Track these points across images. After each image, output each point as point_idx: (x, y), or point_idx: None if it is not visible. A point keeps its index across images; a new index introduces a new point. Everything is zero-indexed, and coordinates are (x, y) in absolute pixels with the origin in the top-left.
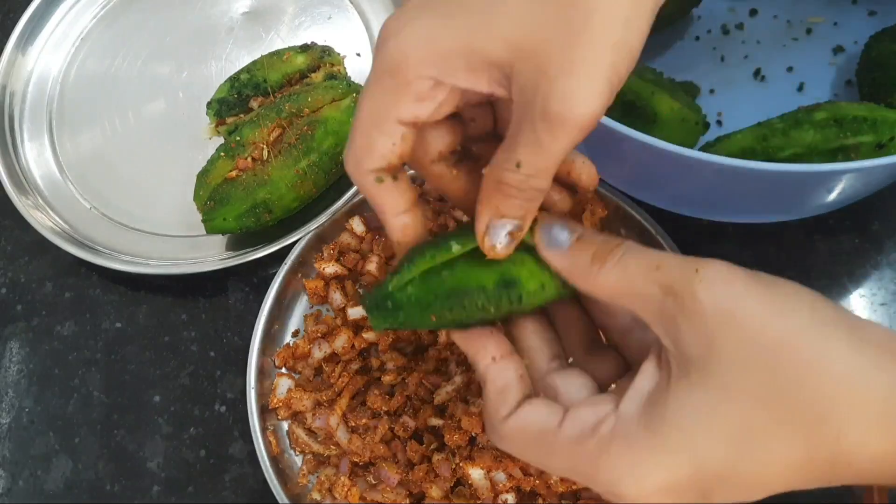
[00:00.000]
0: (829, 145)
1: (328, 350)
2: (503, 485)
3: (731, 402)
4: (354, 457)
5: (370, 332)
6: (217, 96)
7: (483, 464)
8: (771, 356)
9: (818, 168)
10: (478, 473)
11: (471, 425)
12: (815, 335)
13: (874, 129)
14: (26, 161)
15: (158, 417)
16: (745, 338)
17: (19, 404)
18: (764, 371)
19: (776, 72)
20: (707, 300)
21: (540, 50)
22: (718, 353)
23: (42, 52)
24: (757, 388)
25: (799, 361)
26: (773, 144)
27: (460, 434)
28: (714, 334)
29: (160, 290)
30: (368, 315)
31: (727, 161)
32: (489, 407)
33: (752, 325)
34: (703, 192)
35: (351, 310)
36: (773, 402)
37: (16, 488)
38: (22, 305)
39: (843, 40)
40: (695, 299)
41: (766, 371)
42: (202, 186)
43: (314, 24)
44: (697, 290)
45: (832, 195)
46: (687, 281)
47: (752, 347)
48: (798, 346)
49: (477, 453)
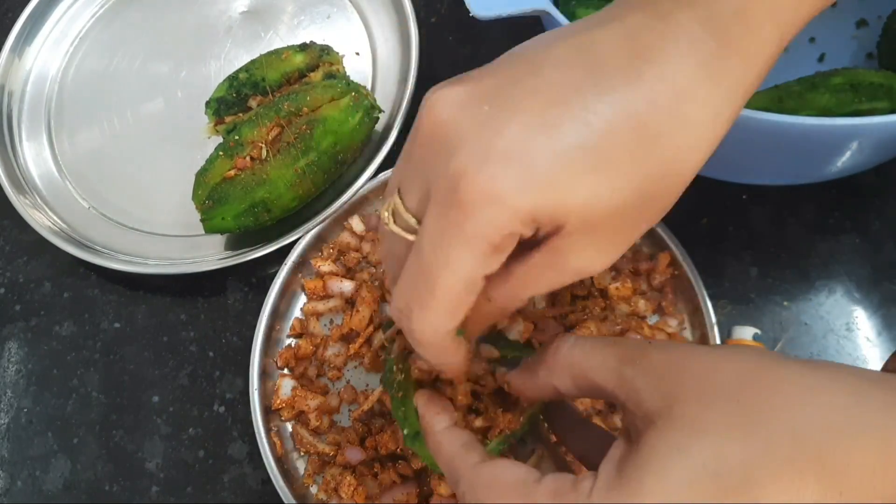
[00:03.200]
0: (843, 109)
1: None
2: None
3: (701, 434)
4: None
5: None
6: (216, 95)
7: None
8: (733, 389)
9: (831, 122)
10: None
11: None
12: (769, 367)
13: (890, 96)
14: (25, 160)
15: (157, 418)
16: (704, 378)
17: (18, 404)
18: (729, 402)
19: (798, 41)
20: (661, 358)
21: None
22: (680, 397)
23: (40, 52)
24: (725, 418)
25: (761, 388)
26: (788, 106)
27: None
28: (672, 383)
29: (159, 290)
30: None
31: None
32: (454, 462)
33: (707, 369)
34: (717, 149)
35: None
36: (744, 429)
37: (14, 489)
38: (20, 305)
39: (867, 14)
40: (650, 359)
41: (732, 402)
42: (201, 186)
43: (313, 24)
44: (650, 353)
45: (843, 157)
46: (640, 349)
47: (712, 385)
48: (756, 376)
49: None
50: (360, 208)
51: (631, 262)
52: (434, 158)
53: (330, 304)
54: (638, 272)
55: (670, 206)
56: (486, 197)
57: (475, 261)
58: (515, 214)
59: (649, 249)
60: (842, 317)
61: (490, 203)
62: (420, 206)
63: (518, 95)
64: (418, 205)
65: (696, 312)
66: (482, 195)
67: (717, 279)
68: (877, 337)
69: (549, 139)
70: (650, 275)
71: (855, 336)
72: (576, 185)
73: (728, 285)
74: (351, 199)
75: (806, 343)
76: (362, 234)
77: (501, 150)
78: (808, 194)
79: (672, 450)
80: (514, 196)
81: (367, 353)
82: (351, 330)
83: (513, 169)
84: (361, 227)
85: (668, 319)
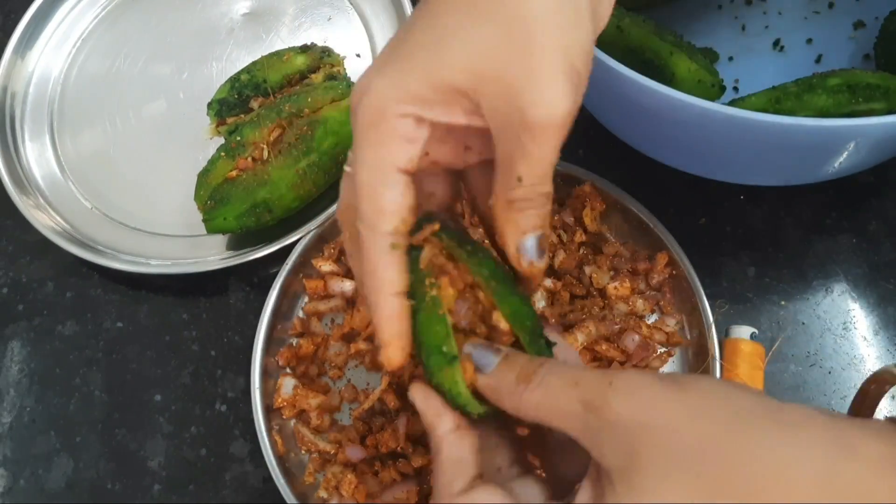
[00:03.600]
0: (840, 110)
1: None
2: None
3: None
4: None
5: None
6: (217, 97)
7: None
8: (693, 460)
9: (828, 123)
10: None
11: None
12: (735, 431)
13: (886, 97)
14: (27, 161)
15: (159, 416)
16: (663, 445)
17: (20, 403)
18: (688, 475)
19: (796, 43)
20: (623, 411)
21: (498, 71)
22: (639, 463)
23: (43, 53)
24: (683, 491)
25: (723, 460)
26: (785, 107)
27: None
28: (633, 444)
29: (161, 290)
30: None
31: (738, 112)
32: (442, 478)
33: (668, 432)
34: (715, 150)
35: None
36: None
37: (17, 487)
38: (23, 305)
39: (864, 15)
40: (612, 411)
41: (691, 474)
42: (203, 186)
43: (314, 25)
44: (612, 402)
45: (840, 158)
46: (602, 394)
47: (671, 454)
48: (719, 445)
49: None
50: None
51: (629, 262)
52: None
53: (331, 303)
54: (636, 272)
55: (547, 19)
56: (359, 93)
57: (375, 149)
58: (387, 96)
59: (647, 249)
60: (839, 316)
61: (362, 95)
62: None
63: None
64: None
65: (693, 312)
66: (356, 93)
67: (714, 279)
68: (873, 336)
69: (405, 43)
70: (648, 274)
71: (852, 335)
72: (430, 53)
73: (726, 285)
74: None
75: (803, 342)
76: None
77: (375, 66)
78: (806, 194)
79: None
80: (378, 82)
81: (368, 353)
82: (352, 329)
83: (384, 69)
84: None
85: (667, 319)
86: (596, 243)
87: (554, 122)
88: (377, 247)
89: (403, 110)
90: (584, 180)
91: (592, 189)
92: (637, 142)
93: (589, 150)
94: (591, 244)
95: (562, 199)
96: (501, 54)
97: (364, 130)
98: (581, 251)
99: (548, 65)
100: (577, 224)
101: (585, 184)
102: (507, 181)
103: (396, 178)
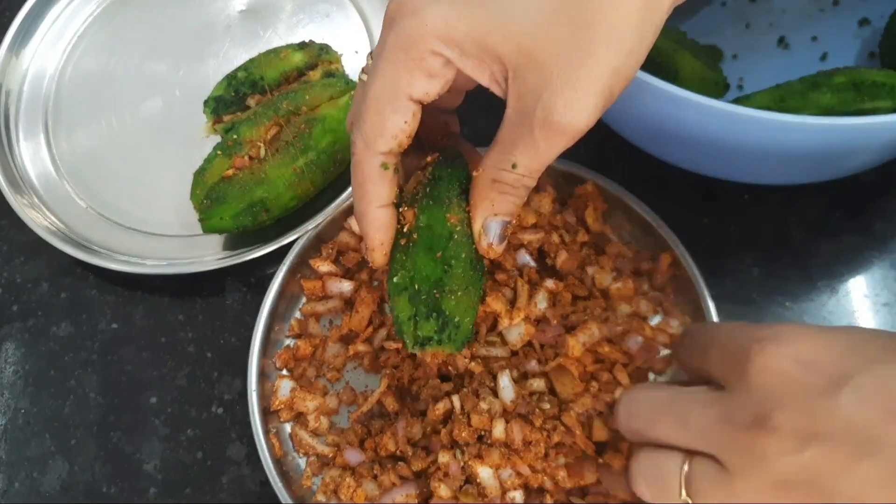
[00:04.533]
0: (845, 108)
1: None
2: (511, 482)
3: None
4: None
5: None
6: (214, 94)
7: (491, 462)
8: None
9: (833, 122)
10: (486, 472)
11: (481, 422)
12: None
13: (892, 95)
14: (22, 160)
15: (155, 419)
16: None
17: (15, 405)
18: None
19: (800, 41)
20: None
21: (548, 61)
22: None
23: (38, 51)
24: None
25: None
26: (790, 105)
27: (469, 431)
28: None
29: (157, 291)
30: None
31: (742, 110)
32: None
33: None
34: (719, 148)
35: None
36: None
37: (11, 490)
38: (17, 306)
39: (869, 13)
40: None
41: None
42: (199, 185)
43: (312, 22)
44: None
45: (845, 157)
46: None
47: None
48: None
49: (485, 451)
50: None
51: (632, 263)
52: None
53: (329, 304)
54: (639, 272)
55: (614, 38)
56: (404, 9)
57: (396, 71)
58: (431, 29)
59: (651, 249)
60: (844, 317)
61: (406, 15)
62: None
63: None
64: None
65: (697, 313)
66: (401, 8)
67: (718, 279)
68: None
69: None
70: (652, 275)
71: None
72: (490, 9)
73: (730, 285)
74: (350, 198)
75: None
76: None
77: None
78: (810, 194)
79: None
80: (428, 11)
81: (367, 354)
82: (350, 331)
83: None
84: None
85: (670, 320)
86: (598, 243)
87: (572, 130)
88: (369, 162)
89: (440, 49)
90: (586, 179)
91: (595, 188)
92: (640, 140)
93: (591, 149)
94: (594, 244)
95: (564, 198)
96: (560, 48)
97: (393, 49)
98: (583, 251)
99: (594, 80)
100: (580, 224)
101: (588, 183)
102: (501, 161)
103: (406, 105)
